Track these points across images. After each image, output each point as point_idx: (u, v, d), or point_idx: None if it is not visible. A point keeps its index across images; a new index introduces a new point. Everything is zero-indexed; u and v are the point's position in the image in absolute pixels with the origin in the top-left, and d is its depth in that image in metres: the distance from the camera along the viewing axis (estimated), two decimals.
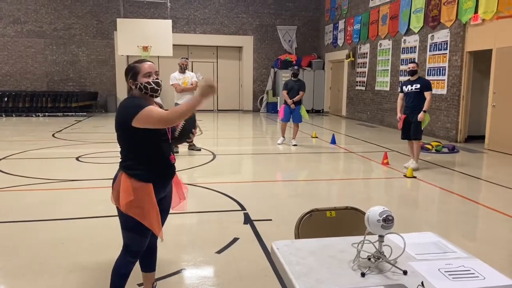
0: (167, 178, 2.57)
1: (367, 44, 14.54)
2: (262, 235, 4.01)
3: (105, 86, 17.41)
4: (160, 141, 2.47)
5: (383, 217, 1.49)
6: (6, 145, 9.09)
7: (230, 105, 19.03)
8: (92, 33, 17.11)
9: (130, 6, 16.72)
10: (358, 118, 15.28)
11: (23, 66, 16.80)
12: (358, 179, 6.84)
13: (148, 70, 2.47)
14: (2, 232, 4.14)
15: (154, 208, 2.43)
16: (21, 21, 16.56)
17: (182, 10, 17.60)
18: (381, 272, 1.49)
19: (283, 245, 1.71)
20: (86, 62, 17.21)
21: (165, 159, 2.51)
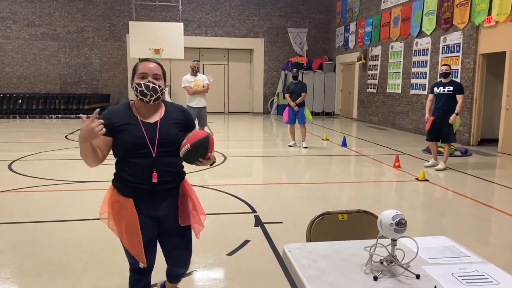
0: (150, 197, 2.20)
1: (379, 47, 14.47)
2: (273, 238, 4.01)
3: (117, 88, 17.56)
4: (134, 156, 2.15)
5: (396, 221, 1.49)
6: (20, 147, 9.22)
7: (240, 107, 19.07)
8: (105, 36, 17.28)
9: (142, 9, 16.86)
10: (369, 120, 15.21)
11: (37, 69, 17.03)
12: (369, 182, 6.80)
13: (143, 70, 2.19)
14: (17, 233, 4.20)
15: (133, 227, 2.16)
16: (35, 24, 16.80)
17: (194, 13, 17.70)
18: (394, 276, 1.49)
19: (295, 248, 1.71)
20: (98, 64, 17.39)
21: (143, 175, 2.16)
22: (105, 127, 2.05)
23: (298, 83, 9.42)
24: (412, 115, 12.47)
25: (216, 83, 15.64)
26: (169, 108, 2.31)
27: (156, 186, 2.18)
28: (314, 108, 17.41)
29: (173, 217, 2.31)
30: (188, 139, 2.10)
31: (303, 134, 9.54)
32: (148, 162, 2.16)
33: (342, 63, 17.78)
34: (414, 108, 12.41)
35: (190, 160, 2.12)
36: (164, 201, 2.27)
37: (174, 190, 2.31)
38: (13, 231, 4.25)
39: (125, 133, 2.15)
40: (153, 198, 2.22)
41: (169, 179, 2.24)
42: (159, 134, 2.17)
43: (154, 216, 2.26)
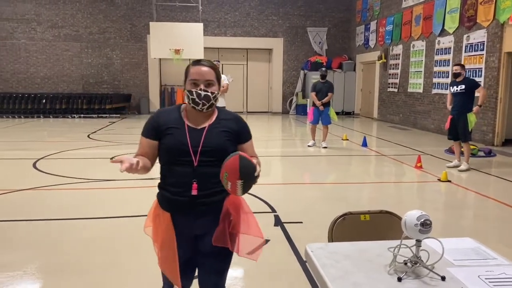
0: (189, 211, 1.99)
1: (400, 45, 14.29)
2: (293, 238, 4.00)
3: (138, 88, 17.79)
4: (175, 162, 1.98)
5: (420, 221, 1.47)
6: (44, 146, 9.42)
7: (259, 107, 19.09)
8: (126, 36, 17.52)
9: (162, 10, 17.03)
10: (390, 120, 15.03)
11: (60, 69, 17.38)
12: (389, 182, 6.73)
13: (195, 77, 2.00)
14: (41, 230, 4.29)
15: (169, 244, 1.98)
16: (58, 25, 17.14)
17: (213, 13, 17.78)
18: (418, 277, 1.47)
19: (317, 248, 1.71)
20: (120, 65, 17.64)
21: (182, 185, 1.97)
22: (151, 130, 2.01)
23: (325, 82, 9.36)
24: (434, 115, 12.28)
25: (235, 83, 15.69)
26: (222, 115, 2.10)
27: (195, 199, 1.98)
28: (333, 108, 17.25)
29: (211, 237, 2.03)
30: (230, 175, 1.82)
31: (324, 135, 9.48)
32: (189, 172, 1.96)
33: (362, 62, 17.61)
34: (436, 108, 12.21)
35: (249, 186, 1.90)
36: (203, 217, 2.03)
37: (216, 205, 2.03)
38: (38, 228, 4.34)
39: (168, 137, 1.99)
40: (192, 213, 2.01)
41: (211, 192, 2.00)
42: (204, 141, 1.98)
43: (191, 234, 2.05)
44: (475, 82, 7.29)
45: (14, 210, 4.90)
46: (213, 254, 2.06)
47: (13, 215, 4.70)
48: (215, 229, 2.02)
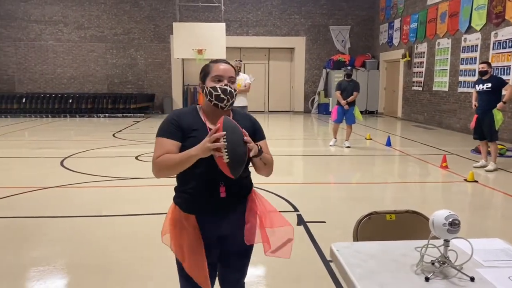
0: (214, 213, 1.98)
1: (425, 43, 14.05)
2: (316, 237, 3.99)
3: (161, 88, 18.01)
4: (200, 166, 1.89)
5: (449, 221, 1.45)
6: (71, 144, 9.64)
7: (281, 106, 19.06)
8: (150, 37, 17.76)
9: (185, 10, 17.19)
10: (415, 119, 14.80)
11: (85, 70, 17.74)
12: (414, 182, 6.64)
13: (219, 73, 1.98)
14: (68, 226, 4.41)
15: (196, 248, 1.94)
16: (84, 26, 17.51)
17: (236, 13, 17.85)
18: (446, 278, 1.46)
19: (343, 247, 1.71)
20: (144, 65, 17.89)
21: (208, 188, 1.95)
22: (176, 131, 1.94)
23: (351, 81, 9.27)
24: (460, 114, 12.03)
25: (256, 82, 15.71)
26: (237, 116, 2.07)
27: (223, 200, 1.95)
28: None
29: (238, 236, 2.03)
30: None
31: (348, 134, 9.39)
32: (214, 174, 1.91)
33: (386, 60, 17.39)
34: (462, 107, 11.96)
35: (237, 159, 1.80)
36: (229, 218, 2.01)
37: (241, 204, 2.04)
38: (65, 224, 4.46)
39: (192, 140, 1.91)
40: (217, 214, 1.99)
41: (237, 192, 2.01)
42: None
43: (218, 235, 2.03)
44: (502, 80, 7.10)
45: (43, 207, 5.04)
46: (237, 253, 2.07)
47: (42, 212, 4.84)
48: (242, 228, 2.02)
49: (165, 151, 1.92)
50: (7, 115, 15.66)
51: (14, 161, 7.82)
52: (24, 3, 17.20)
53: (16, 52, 17.48)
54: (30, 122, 14.24)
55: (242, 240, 2.03)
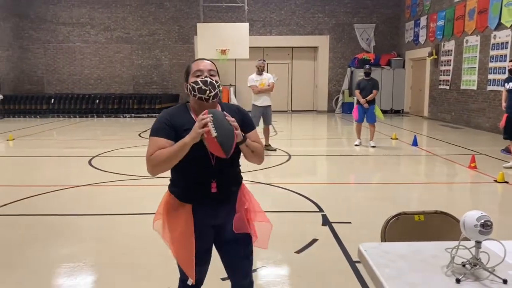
0: (208, 204, 2.08)
1: (452, 41, 13.75)
2: (342, 238, 3.97)
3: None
4: (193, 163, 2.01)
5: (481, 222, 1.42)
6: (98, 144, 9.85)
7: (304, 105, 18.98)
8: (174, 38, 17.97)
9: (209, 11, 17.32)
10: (442, 118, 14.50)
11: (112, 71, 18.09)
12: (441, 183, 6.50)
13: (198, 68, 2.07)
14: (96, 224, 4.51)
15: (186, 236, 2.03)
16: (111, 28, 17.85)
17: (259, 12, 17.87)
18: (478, 280, 1.43)
19: (371, 247, 1.69)
20: (168, 66, 18.12)
21: (200, 183, 2.05)
22: (169, 131, 2.01)
23: (370, 80, 9.19)
24: (489, 113, 11.72)
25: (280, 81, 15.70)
26: (226, 109, 2.11)
27: (214, 194, 2.06)
28: (382, 106, 16.89)
29: (231, 225, 2.14)
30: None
31: (371, 133, 9.29)
32: (207, 170, 2.04)
33: (412, 58, 17.10)
34: (491, 106, 11.66)
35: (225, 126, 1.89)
36: (222, 208, 2.12)
37: (232, 196, 2.16)
38: (93, 222, 4.56)
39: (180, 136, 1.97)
40: (211, 205, 2.09)
41: (228, 186, 2.12)
42: None
43: (212, 224, 2.14)
44: None
45: (72, 205, 5.17)
46: (235, 240, 2.14)
47: (71, 210, 4.96)
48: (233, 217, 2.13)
49: (158, 148, 1.99)
50: (37, 115, 16.10)
51: (44, 160, 8.04)
52: (53, 6, 17.66)
53: (45, 54, 17.97)
54: (58, 122, 14.61)
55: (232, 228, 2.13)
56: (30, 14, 17.68)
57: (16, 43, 17.56)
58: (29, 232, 4.21)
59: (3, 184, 6.21)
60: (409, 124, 14.22)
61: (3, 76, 16.29)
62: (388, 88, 17.34)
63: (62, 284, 3.16)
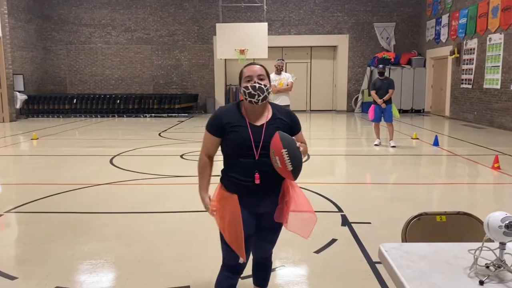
0: (253, 194, 2.32)
1: (475, 39, 13.49)
2: (361, 238, 3.94)
3: (204, 88, 18.31)
4: (239, 156, 2.29)
5: (505, 223, 1.41)
6: (119, 143, 10.00)
7: (323, 105, 18.88)
8: (193, 38, 18.09)
9: (228, 11, 17.38)
10: (463, 118, 14.24)
11: (132, 71, 18.33)
12: (462, 184, 6.39)
13: (248, 73, 2.31)
14: (118, 222, 4.58)
15: (235, 221, 2.28)
16: (131, 29, 18.08)
17: (278, 12, 17.86)
18: (502, 282, 1.41)
19: (391, 248, 1.68)
20: (187, 66, 18.25)
21: (246, 175, 2.29)
22: (217, 128, 2.31)
23: (384, 79, 9.13)
24: None
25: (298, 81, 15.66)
26: (276, 112, 2.38)
27: (258, 186, 2.29)
28: (402, 106, 16.73)
29: (271, 214, 2.39)
30: (275, 150, 2.15)
31: (390, 133, 9.20)
32: (251, 164, 2.27)
33: (433, 57, 16.84)
34: None
35: (298, 159, 2.17)
36: (266, 199, 2.36)
37: (276, 189, 2.37)
38: (115, 220, 4.64)
39: (233, 134, 2.28)
40: (255, 196, 2.33)
41: (270, 179, 2.31)
42: (264, 137, 2.26)
43: (255, 212, 2.38)
44: None
45: (94, 204, 5.27)
46: (270, 228, 2.46)
47: (93, 208, 5.06)
48: (275, 208, 2.38)
49: (206, 149, 2.39)
50: (60, 115, 16.43)
51: (66, 159, 8.20)
52: (75, 8, 17.99)
53: (67, 54, 18.32)
54: (80, 122, 14.88)
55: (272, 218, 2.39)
56: (53, 16, 18.05)
57: (40, 44, 17.96)
58: (52, 229, 4.30)
59: (28, 182, 6.36)
60: (430, 124, 14.01)
61: (27, 76, 16.67)
62: (409, 88, 17.13)
63: (85, 281, 3.23)
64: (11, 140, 10.90)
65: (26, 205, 5.08)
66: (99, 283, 3.19)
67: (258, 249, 2.58)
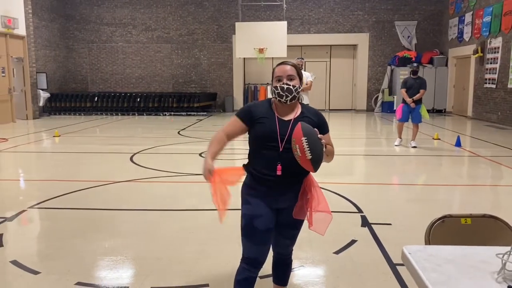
0: (274, 188, 2.38)
1: (499, 38, 13.18)
2: (382, 239, 3.89)
3: (223, 87, 18.37)
4: (264, 147, 2.36)
5: None
6: (139, 141, 10.11)
7: (342, 104, 18.73)
8: (213, 37, 18.16)
9: (247, 9, 17.38)
10: (487, 119, 13.94)
11: (152, 70, 18.50)
12: (485, 185, 6.26)
13: (278, 73, 2.41)
14: (139, 219, 4.63)
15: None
16: (151, 28, 18.25)
17: (297, 11, 17.78)
18: None
19: (415, 250, 1.65)
20: (207, 65, 18.34)
21: (268, 166, 2.34)
22: (247, 114, 2.42)
23: (417, 78, 8.85)
24: None
25: (317, 80, 15.57)
26: (305, 110, 2.47)
27: (279, 178, 2.33)
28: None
29: (291, 210, 2.42)
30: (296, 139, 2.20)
31: (414, 134, 9.02)
32: (274, 155, 2.33)
33: (455, 56, 16.53)
34: None
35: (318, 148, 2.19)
36: (286, 194, 2.40)
37: (296, 184, 2.41)
38: (135, 217, 4.69)
39: (261, 125, 2.38)
40: (276, 189, 2.38)
41: (292, 174, 2.35)
42: (290, 131, 2.32)
43: (275, 207, 2.42)
44: None
45: (114, 201, 5.33)
46: (290, 224, 2.48)
47: (114, 205, 5.12)
48: (294, 204, 2.40)
49: (228, 129, 2.47)
50: (81, 113, 16.70)
51: (88, 156, 8.33)
52: (97, 7, 18.25)
53: (89, 53, 18.60)
54: (101, 119, 15.10)
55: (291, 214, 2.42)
56: (75, 15, 18.35)
57: (63, 43, 18.27)
58: (74, 225, 4.37)
59: (50, 178, 6.48)
60: (452, 124, 13.77)
61: (50, 75, 16.98)
62: (430, 87, 16.73)
63: (106, 277, 3.26)
64: (34, 137, 11.13)
65: (49, 201, 5.18)
66: (119, 279, 3.22)
67: (277, 245, 2.60)
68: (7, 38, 13.41)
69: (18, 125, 13.20)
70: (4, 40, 13.31)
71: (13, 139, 10.21)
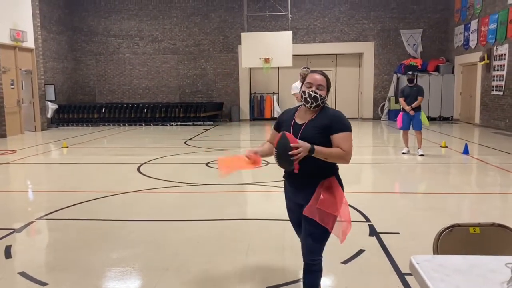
0: (292, 184, 2.71)
1: (505, 45, 13.14)
2: (390, 249, 3.86)
3: (229, 97, 18.44)
4: None
5: None
6: (146, 151, 10.15)
7: (348, 112, 18.67)
8: (219, 48, 18.28)
9: (253, 20, 17.50)
10: (494, 126, 13.85)
11: (159, 80, 18.64)
12: (494, 193, 6.20)
13: (310, 80, 2.63)
14: (146, 229, 4.63)
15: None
16: (158, 39, 18.42)
17: (302, 20, 17.87)
18: None
19: (423, 260, 1.64)
20: (213, 75, 18.44)
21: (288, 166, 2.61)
22: (277, 124, 2.80)
23: (414, 86, 8.94)
24: None
25: None
26: (320, 115, 2.64)
27: (297, 176, 2.59)
28: (430, 113, 16.39)
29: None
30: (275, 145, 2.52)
31: (418, 141, 9.01)
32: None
33: (461, 64, 16.49)
34: None
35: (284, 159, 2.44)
36: (304, 190, 2.63)
37: (313, 183, 2.61)
38: (142, 227, 4.69)
39: (282, 129, 2.67)
40: (296, 186, 2.68)
41: (309, 171, 2.57)
42: (301, 134, 2.57)
43: (298, 202, 2.70)
44: None
45: (122, 211, 5.35)
46: (308, 219, 2.59)
47: (121, 215, 5.14)
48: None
49: (269, 138, 2.85)
50: (89, 124, 16.84)
51: (95, 167, 8.38)
52: (104, 19, 18.47)
53: (96, 65, 18.79)
54: (108, 130, 15.20)
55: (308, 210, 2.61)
56: (83, 28, 18.57)
57: (70, 55, 18.49)
58: (82, 236, 4.39)
59: (58, 189, 6.52)
60: (459, 132, 13.69)
61: (58, 86, 17.16)
62: (437, 95, 16.80)
63: None
64: (43, 148, 11.23)
65: (57, 212, 5.20)
66: None
67: (302, 244, 2.72)
68: (16, 51, 13.60)
69: (26, 137, 13.32)
70: (13, 53, 13.49)
71: (22, 150, 10.30)
